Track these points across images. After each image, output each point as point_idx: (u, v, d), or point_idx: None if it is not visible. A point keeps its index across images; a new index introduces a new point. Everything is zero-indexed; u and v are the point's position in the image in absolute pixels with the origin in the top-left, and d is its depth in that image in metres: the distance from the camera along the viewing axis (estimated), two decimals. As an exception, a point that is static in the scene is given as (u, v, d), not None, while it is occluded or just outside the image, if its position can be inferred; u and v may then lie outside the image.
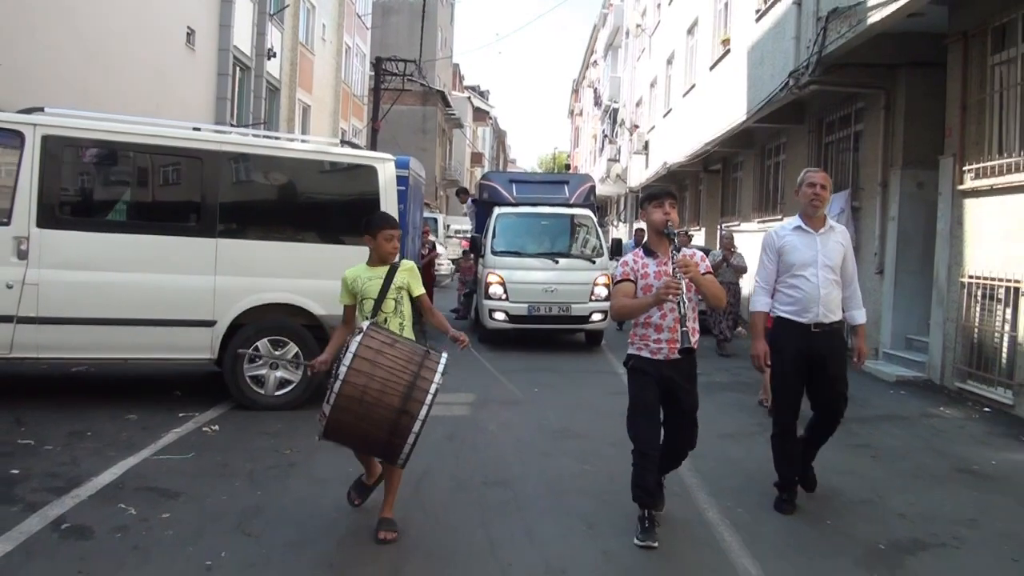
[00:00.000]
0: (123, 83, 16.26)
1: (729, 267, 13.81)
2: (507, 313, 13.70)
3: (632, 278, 5.07)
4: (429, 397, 4.53)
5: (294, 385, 8.27)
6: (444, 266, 28.19)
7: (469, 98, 69.07)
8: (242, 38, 22.90)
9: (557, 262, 14.00)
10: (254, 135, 10.55)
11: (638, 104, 36.29)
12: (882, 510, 5.78)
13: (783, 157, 18.28)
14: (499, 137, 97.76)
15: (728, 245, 14.15)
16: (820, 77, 12.90)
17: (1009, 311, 9.75)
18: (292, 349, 8.14)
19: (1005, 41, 10.30)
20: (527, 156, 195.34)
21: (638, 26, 36.02)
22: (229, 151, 8.33)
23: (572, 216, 15.05)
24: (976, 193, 10.44)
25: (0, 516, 5.03)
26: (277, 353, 8.16)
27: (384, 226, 5.09)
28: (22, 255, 7.50)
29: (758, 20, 16.58)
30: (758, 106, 15.94)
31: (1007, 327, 9.80)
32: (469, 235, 28.59)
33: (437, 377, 4.61)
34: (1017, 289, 9.54)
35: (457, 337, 5.09)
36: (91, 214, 8.12)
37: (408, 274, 5.13)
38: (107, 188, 8.46)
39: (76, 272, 7.59)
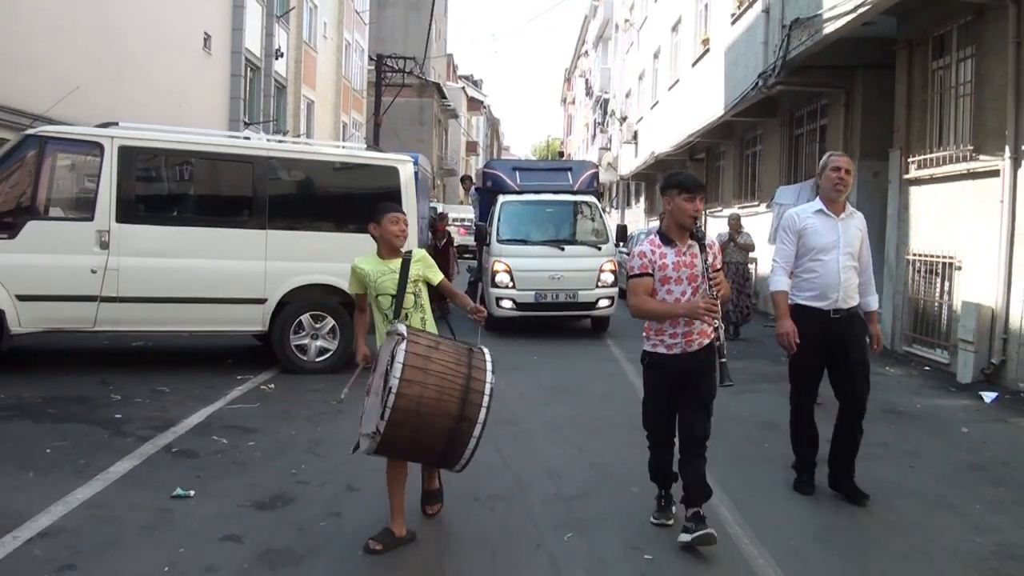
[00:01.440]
0: (150, 87, 17.70)
1: (736, 247, 13.87)
2: (514, 301, 13.72)
3: (650, 270, 4.86)
4: (486, 399, 4.39)
5: (331, 352, 9.79)
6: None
7: (463, 88, 70.23)
8: (252, 40, 24.33)
9: (563, 249, 13.97)
10: (294, 142, 12.04)
11: (627, 95, 37.64)
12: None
13: (759, 148, 19.78)
14: (493, 125, 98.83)
15: (735, 225, 14.17)
16: (785, 79, 14.44)
17: (946, 283, 11.26)
18: (329, 323, 9.65)
19: (943, 49, 11.75)
20: (521, 144, 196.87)
21: (626, 20, 37.36)
22: (275, 156, 9.91)
23: (576, 203, 15.00)
24: (919, 182, 11.92)
25: (119, 444, 6.55)
26: (317, 326, 9.68)
27: (388, 211, 5.02)
28: (104, 245, 8.98)
29: (733, 23, 18.05)
30: (733, 102, 17.44)
31: (945, 297, 11.30)
32: (466, 223, 29.99)
33: (489, 377, 4.48)
34: (951, 264, 11.04)
35: (475, 309, 5.02)
36: (160, 210, 9.61)
37: (422, 264, 5.03)
38: (173, 189, 10.02)
39: (149, 259, 9.06)
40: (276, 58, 26.27)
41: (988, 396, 9.34)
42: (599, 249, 14.14)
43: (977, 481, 6.32)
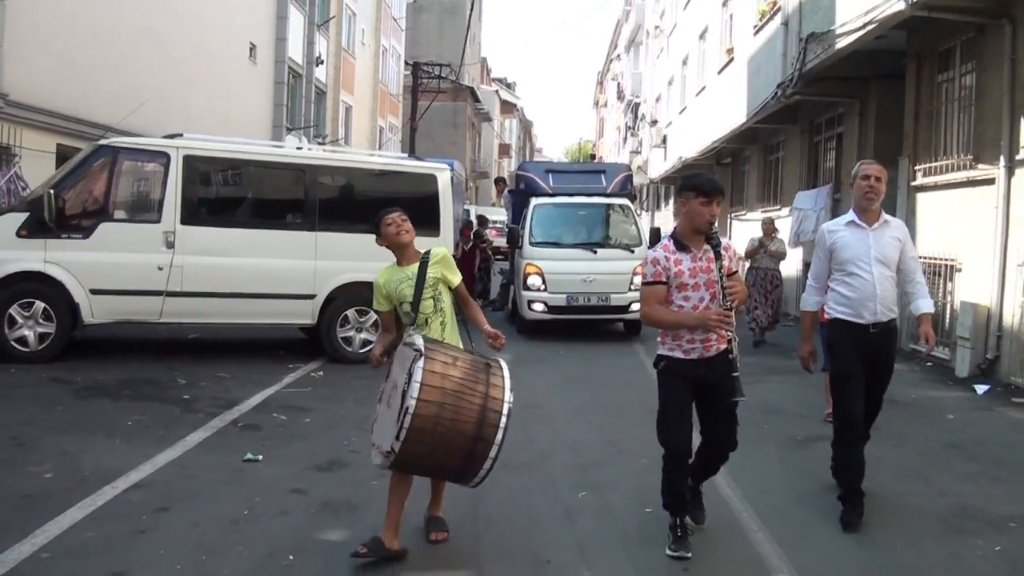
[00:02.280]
0: (200, 95, 18.78)
1: (766, 253, 13.51)
2: (546, 304, 13.59)
3: (664, 278, 4.73)
4: (503, 420, 4.32)
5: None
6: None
7: (497, 92, 71.16)
8: (295, 49, 25.40)
9: (595, 252, 13.84)
10: (339, 151, 12.99)
11: (657, 100, 38.35)
12: (811, 422, 8.06)
13: (782, 153, 20.49)
14: (525, 128, 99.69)
15: (768, 230, 13.75)
16: (802, 89, 15.17)
17: (948, 284, 12.00)
18: (372, 317, 10.54)
19: (948, 63, 12.47)
20: (553, 146, 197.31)
21: (657, 27, 38.07)
22: (325, 164, 10.96)
23: (609, 205, 14.87)
24: (924, 188, 12.65)
25: (191, 419, 7.49)
26: (361, 320, 10.58)
27: (382, 218, 4.91)
28: (169, 245, 9.94)
29: (755, 34, 18.80)
30: (755, 110, 18.18)
31: (947, 297, 12.03)
32: (498, 225, 30.67)
33: (507, 395, 4.39)
34: (952, 266, 11.77)
35: (493, 335, 4.87)
36: (221, 214, 10.57)
37: (441, 265, 4.87)
38: (232, 194, 11.01)
39: (210, 258, 10.00)
40: (316, 65, 27.35)
41: (981, 388, 10.07)
42: (632, 252, 13.89)
43: (951, 456, 7.11)
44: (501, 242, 24.21)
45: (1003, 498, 6.01)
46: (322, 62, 27.95)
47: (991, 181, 10.76)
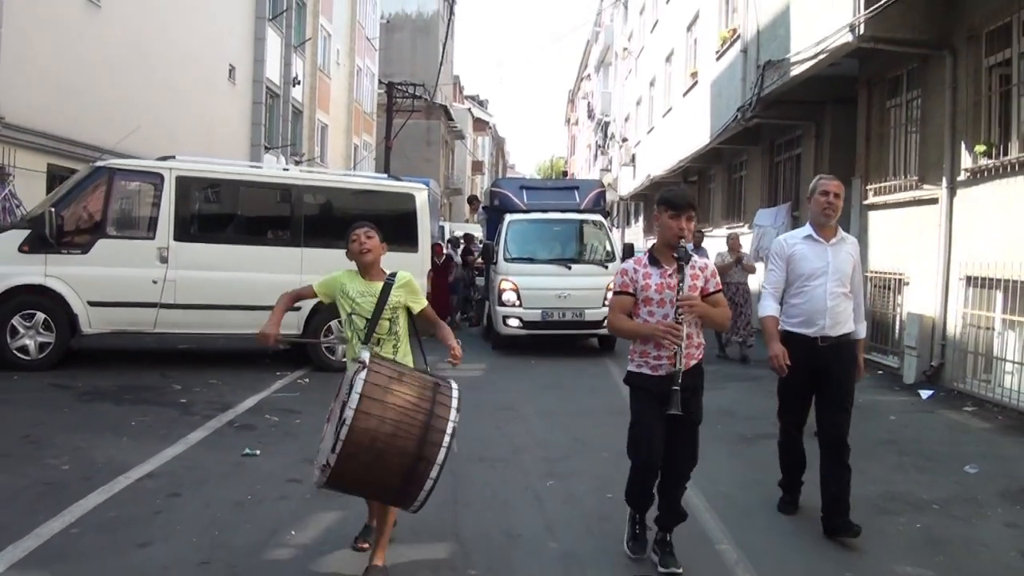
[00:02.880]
0: (183, 114, 19.37)
1: (740, 267, 13.82)
2: (521, 319, 13.67)
3: (631, 290, 4.75)
4: (447, 439, 4.19)
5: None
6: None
7: (470, 109, 71.89)
8: (272, 69, 26.03)
9: (570, 268, 13.92)
10: (326, 172, 13.63)
11: (626, 119, 39.23)
12: (760, 423, 8.74)
13: (745, 172, 21.31)
14: (498, 144, 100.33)
15: (735, 246, 14.15)
16: (761, 113, 15.98)
17: (897, 297, 12.78)
18: (354, 327, 11.18)
19: (897, 89, 13.29)
20: (526, 162, 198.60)
21: (625, 49, 38.99)
22: (309, 184, 11.61)
23: (583, 221, 14.87)
24: (875, 207, 13.44)
25: (189, 420, 8.10)
26: (342, 331, 11.18)
27: (350, 233, 4.90)
28: (163, 260, 10.54)
29: (717, 59, 19.63)
30: (718, 132, 18.99)
31: (896, 309, 12.80)
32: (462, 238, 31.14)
33: (453, 415, 4.28)
34: (901, 280, 12.55)
35: (453, 353, 4.83)
36: (211, 231, 11.18)
37: (405, 290, 4.84)
38: (222, 212, 11.58)
39: (201, 272, 10.59)
40: (293, 85, 27.98)
41: (925, 393, 10.82)
42: (606, 267, 13.97)
43: (886, 451, 7.82)
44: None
45: (928, 485, 6.72)
46: (299, 82, 28.57)
47: (935, 201, 11.56)
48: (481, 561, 4.92)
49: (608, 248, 14.47)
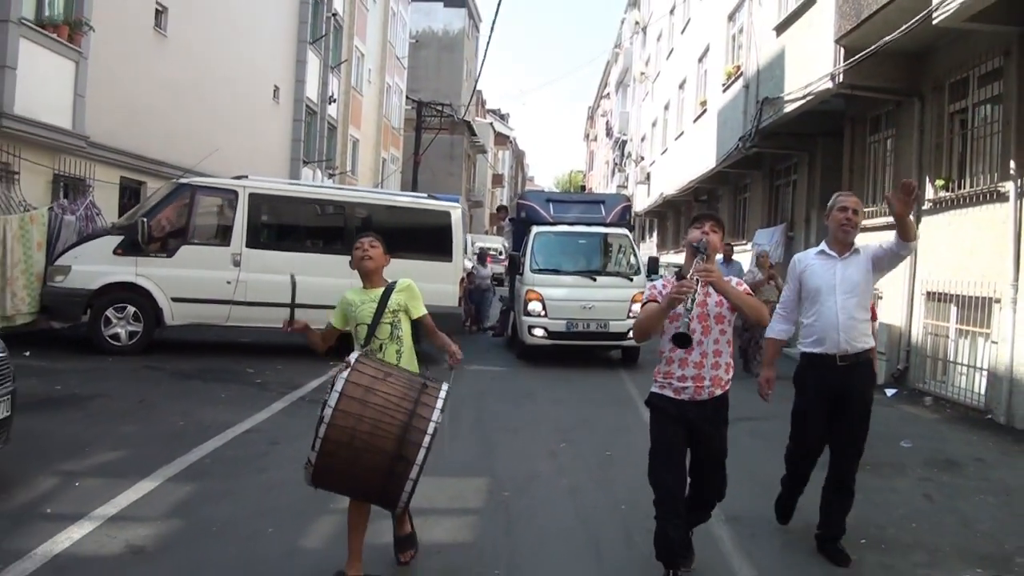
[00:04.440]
0: (233, 133, 21.22)
1: (772, 284, 13.45)
2: (546, 329, 13.86)
3: (659, 300, 4.57)
4: (427, 439, 4.15)
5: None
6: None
7: (491, 124, 73.46)
8: (311, 89, 27.85)
9: (595, 280, 14.13)
10: (374, 191, 15.53)
11: (643, 139, 41.07)
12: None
13: (748, 194, 23.07)
14: (518, 158, 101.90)
15: (765, 263, 14.22)
16: (759, 143, 17.74)
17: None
18: (396, 325, 12.94)
19: (877, 127, 15.01)
20: (545, 176, 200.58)
21: (642, 73, 40.78)
22: (360, 201, 13.43)
23: (608, 235, 15.04)
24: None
25: (268, 395, 9.89)
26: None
27: (356, 241, 5.03)
28: (236, 264, 12.39)
29: (724, 91, 21.44)
30: (723, 157, 20.77)
31: (874, 323, 14.48)
32: (495, 252, 32.72)
33: (436, 415, 4.24)
34: (875, 294, 14.23)
35: (453, 358, 4.88)
36: (277, 240, 13.02)
37: (406, 294, 4.90)
38: (286, 224, 13.43)
39: (268, 275, 12.37)
40: (329, 103, 29.83)
41: (890, 392, 12.49)
42: (631, 280, 14.24)
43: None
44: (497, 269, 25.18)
45: (866, 455, 8.40)
46: (334, 100, 30.46)
47: (902, 226, 13.22)
48: (511, 488, 6.68)
49: (632, 261, 14.72)
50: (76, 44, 13.90)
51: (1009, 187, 10.48)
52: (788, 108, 15.47)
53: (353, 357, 4.36)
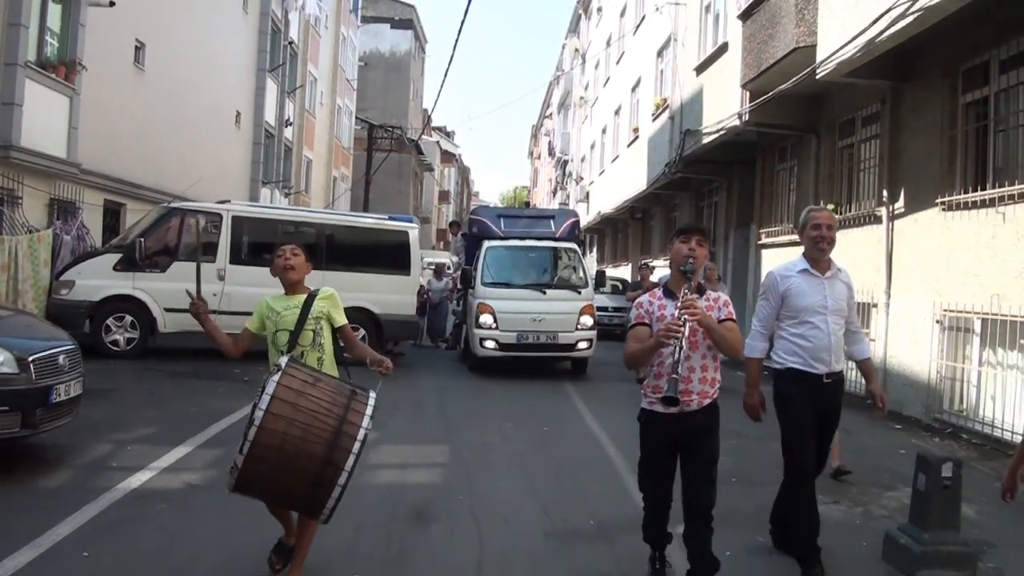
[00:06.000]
0: (199, 156, 22.85)
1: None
2: (497, 341, 14.19)
3: (647, 321, 4.71)
4: (357, 445, 4.18)
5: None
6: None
7: (438, 142, 74.78)
8: (269, 113, 29.51)
9: (544, 293, 14.47)
10: (342, 213, 17.39)
11: (583, 160, 43.14)
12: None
13: (678, 213, 25.17)
14: (463, 174, 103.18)
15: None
16: (682, 169, 19.82)
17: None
18: (361, 332, 14.66)
19: (782, 157, 17.12)
20: (490, 191, 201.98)
21: (581, 98, 42.90)
22: (329, 222, 15.24)
23: (558, 249, 15.49)
24: (766, 246, 17.20)
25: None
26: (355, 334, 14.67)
27: (275, 251, 5.02)
28: (221, 278, 14.09)
29: (653, 120, 23.55)
30: (652, 180, 22.86)
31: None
32: (444, 266, 34.18)
33: (365, 421, 4.27)
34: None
35: (377, 361, 4.87)
36: (257, 256, 14.67)
37: (328, 302, 4.92)
38: (265, 242, 15.04)
39: (250, 288, 13.96)
40: (286, 126, 31.52)
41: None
42: (579, 293, 14.71)
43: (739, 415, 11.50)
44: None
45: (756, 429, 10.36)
46: (291, 123, 32.13)
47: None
48: (467, 452, 8.54)
49: (581, 275, 15.18)
50: (71, 82, 15.50)
51: (883, 212, 12.51)
52: (706, 140, 17.52)
53: (283, 361, 4.36)
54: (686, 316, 4.39)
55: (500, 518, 6.41)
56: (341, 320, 4.99)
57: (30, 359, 6.83)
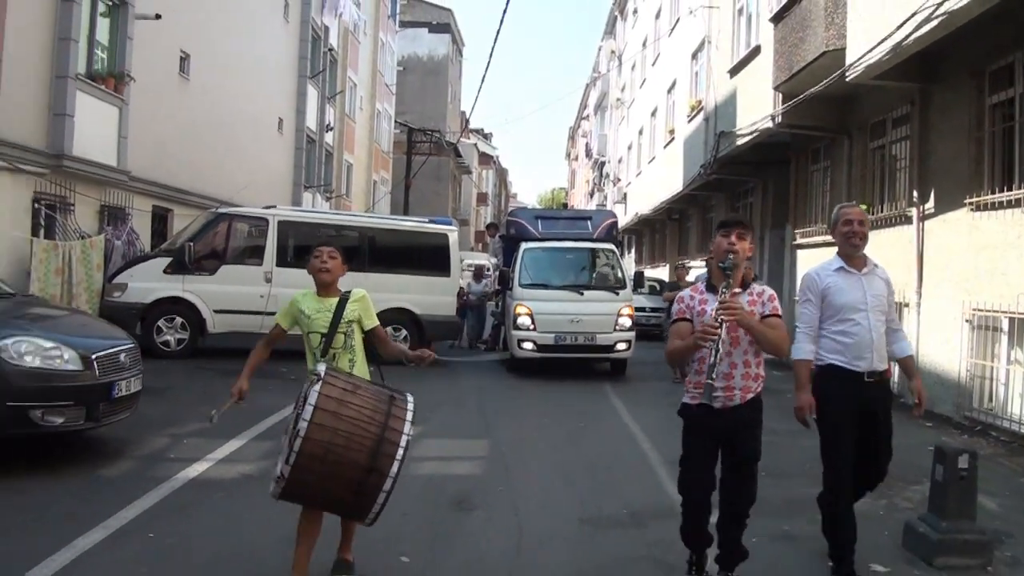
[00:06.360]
0: (242, 163, 23.42)
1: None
2: (535, 343, 14.23)
3: (688, 316, 4.72)
4: (400, 452, 4.24)
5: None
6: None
7: (476, 145, 75.08)
8: (311, 119, 30.06)
9: (582, 294, 14.47)
10: (384, 217, 17.83)
11: (620, 161, 43.37)
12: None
13: (713, 215, 25.37)
14: (501, 176, 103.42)
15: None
16: (717, 171, 20.03)
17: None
18: (403, 332, 15.05)
19: (817, 158, 17.30)
20: (527, 193, 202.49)
21: (618, 99, 43.10)
22: (373, 226, 15.69)
23: (595, 250, 15.55)
24: (801, 247, 17.39)
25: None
26: (396, 335, 15.05)
27: (315, 248, 5.04)
28: (268, 280, 14.57)
29: (688, 122, 23.78)
30: (688, 182, 23.09)
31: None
32: (483, 268, 34.31)
33: (407, 428, 4.34)
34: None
35: (417, 357, 5.04)
36: (302, 259, 14.85)
37: (359, 305, 4.94)
38: (309, 245, 15.27)
39: (295, 289, 14.26)
40: (327, 131, 32.07)
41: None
42: (617, 294, 14.70)
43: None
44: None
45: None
46: (331, 128, 32.67)
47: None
48: (506, 446, 8.91)
49: (619, 276, 15.24)
50: (120, 93, 16.05)
51: (913, 212, 12.70)
52: (740, 141, 17.73)
53: (322, 369, 4.42)
54: (723, 317, 4.41)
55: (537, 506, 6.77)
56: (373, 322, 5.03)
57: (94, 357, 7.30)
